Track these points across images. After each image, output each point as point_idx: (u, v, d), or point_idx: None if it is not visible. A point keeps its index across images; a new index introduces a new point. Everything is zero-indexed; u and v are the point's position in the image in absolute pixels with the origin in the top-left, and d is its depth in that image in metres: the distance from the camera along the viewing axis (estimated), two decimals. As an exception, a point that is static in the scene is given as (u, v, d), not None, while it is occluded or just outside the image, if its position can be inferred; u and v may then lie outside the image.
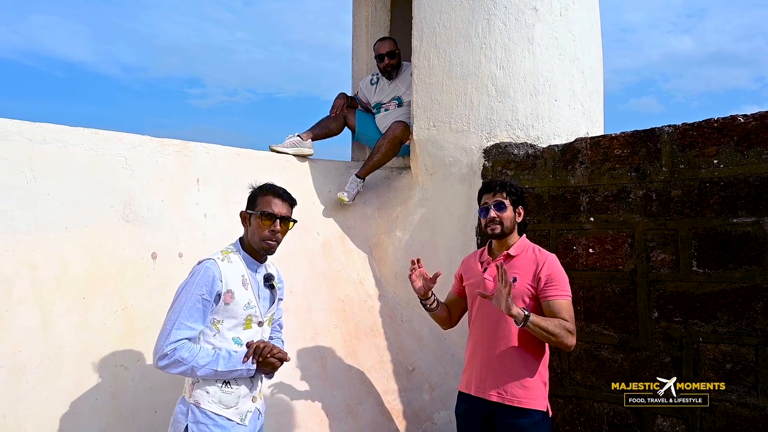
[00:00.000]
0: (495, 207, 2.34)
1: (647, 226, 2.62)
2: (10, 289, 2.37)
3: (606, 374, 2.70)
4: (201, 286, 1.89)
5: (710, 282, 2.45)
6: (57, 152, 2.69)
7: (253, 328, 2.02)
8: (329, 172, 3.76)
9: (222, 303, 1.93)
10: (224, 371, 1.90)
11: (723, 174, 2.44)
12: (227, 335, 1.96)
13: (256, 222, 2.03)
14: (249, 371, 1.96)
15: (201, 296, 1.89)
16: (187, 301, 1.89)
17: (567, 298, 2.22)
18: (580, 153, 2.86)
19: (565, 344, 2.16)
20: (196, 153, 3.15)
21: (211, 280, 1.90)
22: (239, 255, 2.05)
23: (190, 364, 1.84)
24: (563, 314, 2.17)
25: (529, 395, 2.21)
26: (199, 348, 1.89)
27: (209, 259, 1.97)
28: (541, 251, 2.33)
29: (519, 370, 2.23)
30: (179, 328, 1.86)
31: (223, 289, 1.92)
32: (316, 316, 3.10)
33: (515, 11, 3.28)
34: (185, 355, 1.84)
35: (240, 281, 1.98)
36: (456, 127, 3.33)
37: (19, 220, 2.51)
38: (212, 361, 1.88)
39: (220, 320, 1.95)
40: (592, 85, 3.56)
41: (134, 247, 2.75)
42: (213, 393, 1.93)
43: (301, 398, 2.75)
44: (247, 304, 1.99)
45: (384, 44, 3.86)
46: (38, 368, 2.27)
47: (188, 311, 1.88)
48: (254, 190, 2.12)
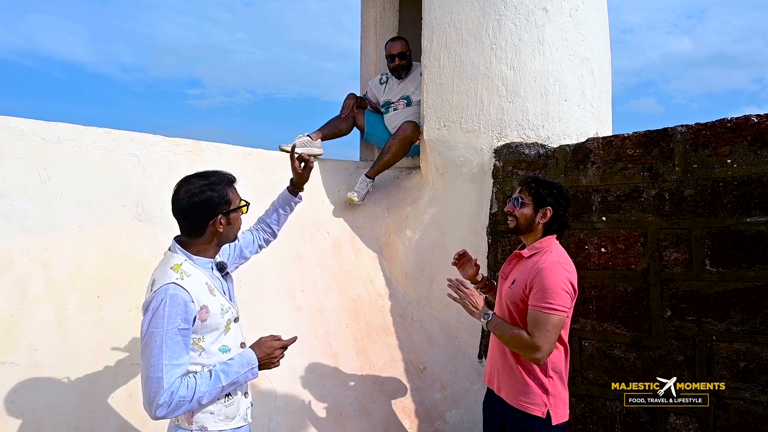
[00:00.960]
0: (513, 201, 2.27)
1: (660, 225, 2.63)
2: (25, 287, 2.38)
3: (619, 373, 2.70)
4: (174, 318, 1.63)
5: (724, 281, 2.45)
6: (70, 152, 2.70)
7: (232, 328, 1.84)
8: (339, 172, 3.77)
9: (198, 322, 1.71)
10: (230, 382, 1.72)
11: (736, 173, 2.45)
12: (212, 349, 1.76)
13: (236, 217, 1.86)
14: (254, 373, 1.80)
15: (177, 328, 1.64)
16: (165, 340, 1.62)
17: (544, 310, 2.03)
18: (592, 153, 2.87)
19: (526, 357, 2.09)
20: (208, 152, 3.16)
21: (183, 306, 1.65)
22: (191, 263, 1.78)
23: (193, 398, 1.64)
24: (531, 326, 2.06)
25: (529, 400, 2.13)
26: (194, 378, 1.67)
27: (167, 284, 1.67)
28: (544, 256, 2.16)
29: (519, 372, 2.16)
30: (168, 371, 1.61)
31: (196, 308, 1.69)
32: (327, 315, 3.10)
33: (525, 12, 3.29)
34: (184, 393, 1.63)
35: (206, 291, 1.76)
36: (466, 127, 3.33)
37: (33, 219, 2.52)
38: (214, 381, 1.69)
39: (201, 337, 1.73)
40: (601, 85, 3.58)
41: (147, 245, 2.76)
42: (218, 411, 1.76)
43: (314, 397, 2.75)
44: (222, 309, 1.78)
45: (395, 44, 3.88)
46: (54, 366, 2.27)
47: (169, 350, 1.62)
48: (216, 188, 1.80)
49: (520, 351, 2.09)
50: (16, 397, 2.15)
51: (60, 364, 2.28)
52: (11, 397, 2.14)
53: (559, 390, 2.16)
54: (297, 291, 3.10)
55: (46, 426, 2.15)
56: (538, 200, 2.22)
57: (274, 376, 2.66)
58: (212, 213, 1.78)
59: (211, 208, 1.77)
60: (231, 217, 1.83)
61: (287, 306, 3.01)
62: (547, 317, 2.03)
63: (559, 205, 2.23)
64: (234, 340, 1.84)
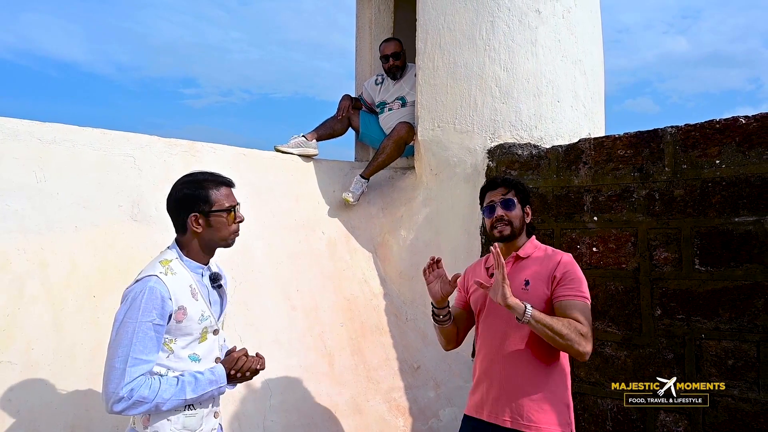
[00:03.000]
0: (502, 205, 2.08)
1: (650, 225, 2.67)
2: (21, 287, 2.40)
3: (610, 371, 2.74)
4: (149, 311, 1.60)
5: (712, 280, 2.49)
6: (66, 152, 2.72)
7: (208, 339, 1.77)
8: (333, 172, 3.80)
9: (173, 322, 1.66)
10: (195, 397, 1.66)
11: (725, 174, 2.49)
12: (182, 354, 1.71)
13: (219, 219, 1.77)
14: (221, 390, 1.74)
15: (152, 322, 1.60)
16: (137, 332, 1.58)
17: (583, 299, 1.92)
18: (584, 153, 2.91)
19: (576, 350, 1.84)
20: (203, 153, 3.18)
21: (160, 301, 1.61)
22: (181, 262, 1.75)
23: (153, 401, 1.58)
24: (576, 314, 1.87)
25: (549, 420, 1.90)
26: (158, 381, 1.62)
27: (150, 275, 1.65)
28: (555, 250, 2.09)
29: (536, 390, 1.92)
30: (134, 365, 1.56)
31: (173, 307, 1.65)
32: (322, 314, 3.13)
33: (519, 13, 3.32)
34: (146, 394, 1.57)
35: (189, 293, 1.71)
36: (460, 127, 3.36)
37: (30, 219, 2.53)
38: (178, 392, 1.63)
39: (172, 339, 1.69)
40: (594, 86, 3.61)
41: (143, 246, 2.77)
42: (176, 420, 1.68)
43: (309, 395, 2.78)
44: (201, 316, 1.73)
45: (389, 45, 3.91)
46: (51, 365, 2.29)
47: (140, 343, 1.58)
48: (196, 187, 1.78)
49: (574, 343, 1.83)
50: (13, 396, 2.17)
51: (56, 364, 2.30)
52: (8, 396, 2.16)
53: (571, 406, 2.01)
54: (292, 290, 3.13)
55: (42, 425, 2.17)
56: (522, 200, 2.14)
57: (268, 375, 2.69)
58: (188, 211, 1.75)
59: (187, 206, 1.76)
60: (212, 219, 1.76)
61: (282, 305, 3.04)
62: (587, 306, 1.92)
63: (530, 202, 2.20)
64: (208, 352, 1.77)
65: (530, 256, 2.09)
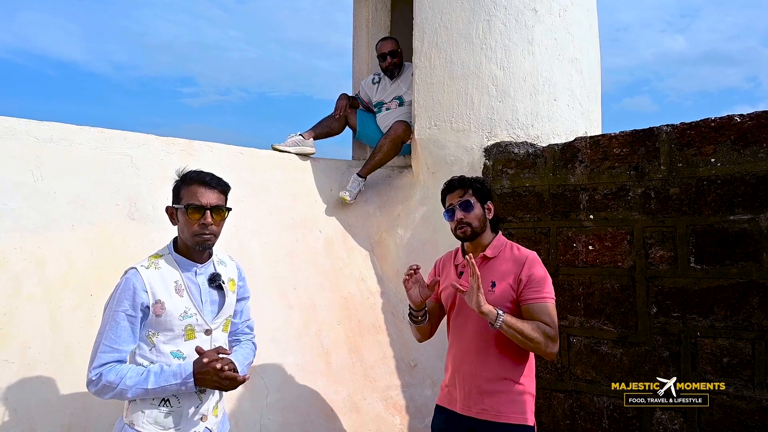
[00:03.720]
0: (461, 207, 2.14)
1: (646, 223, 2.68)
2: (18, 286, 2.40)
3: (606, 369, 2.75)
4: (122, 301, 1.68)
5: (708, 278, 2.50)
6: (63, 151, 2.72)
7: (198, 338, 1.79)
8: (331, 170, 3.80)
9: (152, 315, 1.72)
10: (156, 389, 1.67)
11: (720, 172, 2.50)
12: (164, 349, 1.74)
13: (183, 217, 1.79)
14: (185, 386, 1.69)
15: (124, 312, 1.68)
16: (110, 320, 1.68)
17: (549, 300, 2.02)
18: (580, 152, 2.91)
19: (545, 351, 1.96)
20: (201, 152, 3.18)
21: (132, 292, 1.69)
22: (170, 258, 1.82)
23: (118, 387, 1.65)
24: (544, 318, 1.97)
25: (516, 409, 2.03)
26: (127, 368, 1.68)
27: (131, 268, 1.76)
28: (520, 249, 2.15)
29: (504, 383, 2.04)
30: (104, 351, 1.67)
31: (150, 300, 1.71)
32: (319, 312, 3.14)
33: (515, 12, 3.32)
34: (111, 379, 1.64)
35: (172, 288, 1.76)
36: (457, 126, 3.37)
37: (27, 217, 2.53)
38: (141, 380, 1.67)
39: (155, 333, 1.74)
40: (590, 85, 3.62)
41: (140, 244, 2.78)
42: (149, 413, 1.71)
43: (306, 394, 2.79)
44: (184, 313, 1.76)
45: (386, 44, 3.91)
46: (48, 364, 2.29)
47: (113, 331, 1.67)
48: (177, 180, 1.85)
49: (543, 346, 1.94)
50: (10, 395, 2.17)
51: (53, 362, 2.30)
52: (5, 394, 2.16)
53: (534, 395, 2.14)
54: (289, 289, 3.13)
55: (39, 424, 2.17)
56: (481, 198, 2.18)
57: (265, 373, 2.70)
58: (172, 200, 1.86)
59: (172, 195, 1.86)
60: (179, 215, 1.82)
61: (279, 304, 3.04)
62: (553, 307, 2.02)
63: (492, 198, 2.25)
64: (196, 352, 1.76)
65: (497, 255, 2.15)
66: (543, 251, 2.97)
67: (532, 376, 2.13)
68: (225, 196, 1.89)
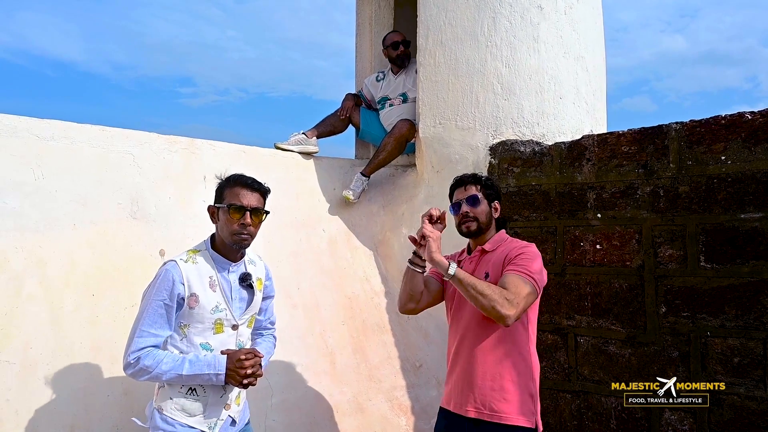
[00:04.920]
0: (467, 202, 2.14)
1: (655, 222, 2.65)
2: (19, 286, 2.37)
3: (614, 369, 2.72)
4: (161, 291, 1.79)
5: (718, 277, 2.47)
6: (65, 149, 2.68)
7: (225, 332, 1.89)
8: (334, 169, 3.77)
9: (186, 307, 1.82)
10: (189, 375, 1.78)
11: (730, 170, 2.47)
12: (195, 340, 1.85)
13: (224, 216, 1.88)
14: (216, 377, 1.80)
15: (162, 301, 1.79)
16: (148, 307, 1.79)
17: (524, 275, 1.93)
18: (587, 150, 2.88)
19: (497, 312, 1.83)
20: (203, 150, 3.15)
21: (171, 283, 1.79)
22: (207, 254, 1.91)
23: (154, 371, 1.75)
24: (507, 283, 1.90)
25: (512, 409, 1.95)
26: (164, 354, 1.79)
27: (171, 260, 1.85)
28: (517, 241, 2.14)
29: (499, 381, 1.98)
30: (141, 336, 1.77)
31: (185, 293, 1.81)
32: (323, 312, 3.10)
33: (520, 9, 3.29)
34: (149, 363, 1.75)
35: (207, 283, 1.85)
36: (462, 124, 3.34)
37: (28, 216, 2.50)
38: (177, 366, 1.78)
39: (187, 324, 1.85)
40: (596, 83, 3.59)
41: (142, 243, 2.75)
42: (176, 400, 1.82)
43: (311, 394, 2.75)
44: (215, 307, 1.86)
45: (396, 34, 4.00)
46: (49, 365, 2.26)
47: (151, 318, 1.78)
48: (221, 181, 1.96)
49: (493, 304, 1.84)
50: (11, 396, 2.14)
51: (55, 363, 2.27)
52: (6, 395, 2.13)
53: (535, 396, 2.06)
54: (293, 288, 3.10)
55: (41, 425, 2.14)
56: (488, 195, 2.19)
57: (270, 374, 2.66)
58: (214, 200, 1.94)
59: (215, 195, 1.94)
60: (220, 213, 1.90)
61: (283, 303, 3.01)
62: (526, 282, 1.92)
63: (501, 198, 2.27)
64: (222, 345, 1.88)
65: (495, 249, 2.14)
66: (550, 250, 2.94)
67: (532, 374, 2.05)
68: (264, 200, 1.98)
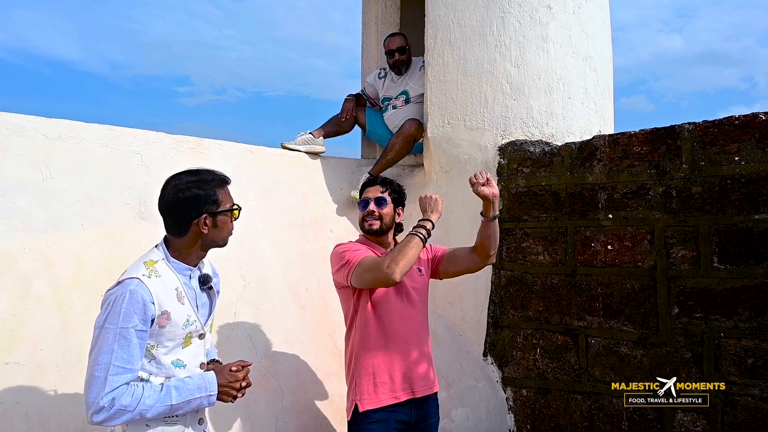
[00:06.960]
0: (375, 202, 2.30)
1: (667, 222, 2.63)
2: (27, 286, 2.34)
3: (625, 370, 2.70)
4: (130, 317, 1.52)
5: (731, 278, 2.46)
6: (72, 149, 2.65)
7: (193, 343, 1.70)
8: (341, 169, 3.75)
9: (156, 327, 1.58)
10: (180, 403, 1.58)
11: (744, 171, 2.46)
12: (164, 360, 1.62)
13: (224, 220, 1.72)
14: (208, 399, 1.64)
15: (134, 328, 1.52)
16: (117, 339, 1.50)
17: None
18: (598, 150, 2.87)
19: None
20: (211, 150, 3.13)
21: (142, 305, 1.53)
22: (168, 263, 1.67)
23: (136, 409, 1.50)
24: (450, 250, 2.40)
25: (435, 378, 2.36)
26: (140, 387, 1.54)
27: (131, 278, 1.57)
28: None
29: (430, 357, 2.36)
30: (116, 373, 1.49)
31: (156, 312, 1.57)
32: (332, 313, 3.08)
33: (529, 9, 3.28)
34: (127, 402, 1.49)
35: (174, 296, 1.63)
36: (471, 124, 3.32)
37: (36, 217, 2.47)
38: (163, 397, 1.55)
39: (154, 345, 1.60)
40: (604, 83, 3.58)
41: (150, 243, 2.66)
42: (155, 427, 1.60)
43: (321, 396, 2.73)
44: (186, 321, 1.65)
45: (394, 40, 3.87)
46: (59, 366, 2.23)
47: (122, 350, 1.51)
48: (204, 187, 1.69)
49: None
50: (21, 398, 2.11)
51: (65, 364, 2.24)
52: (15, 397, 2.10)
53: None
54: (302, 289, 3.08)
55: (51, 427, 2.11)
56: (395, 200, 2.35)
57: (280, 376, 2.64)
58: (197, 212, 1.66)
59: (195, 206, 1.67)
60: (218, 219, 1.71)
61: (292, 304, 2.99)
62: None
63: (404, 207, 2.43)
64: (193, 358, 1.70)
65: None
66: (560, 251, 2.93)
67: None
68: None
